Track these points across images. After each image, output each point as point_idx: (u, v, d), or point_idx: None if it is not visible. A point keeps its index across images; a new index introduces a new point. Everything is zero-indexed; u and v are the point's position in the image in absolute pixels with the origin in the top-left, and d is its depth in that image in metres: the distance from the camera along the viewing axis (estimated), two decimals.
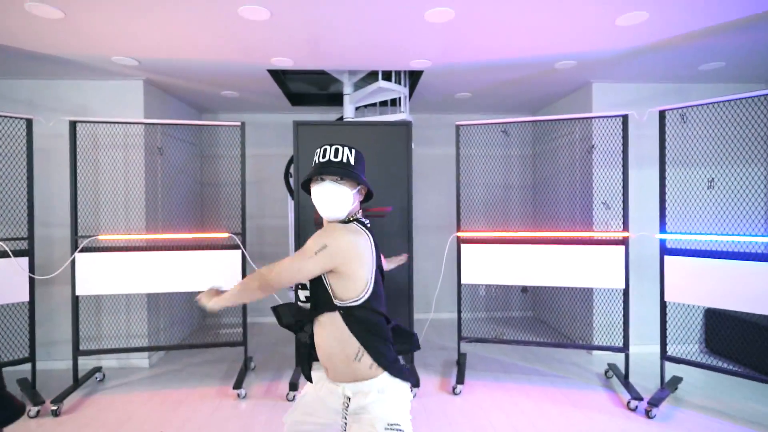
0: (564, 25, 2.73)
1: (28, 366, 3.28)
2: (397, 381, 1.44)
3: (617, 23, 2.70)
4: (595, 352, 3.96)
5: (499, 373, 3.56)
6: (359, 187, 1.52)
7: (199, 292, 2.30)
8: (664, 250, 2.97)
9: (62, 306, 3.67)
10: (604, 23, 2.70)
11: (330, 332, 1.43)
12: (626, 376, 3.18)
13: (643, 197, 3.81)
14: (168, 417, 2.86)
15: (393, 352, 1.47)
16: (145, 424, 2.77)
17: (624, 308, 3.19)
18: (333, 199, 1.45)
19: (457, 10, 2.51)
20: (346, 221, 1.50)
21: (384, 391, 1.41)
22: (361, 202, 1.57)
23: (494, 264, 3.37)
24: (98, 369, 3.51)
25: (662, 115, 3.00)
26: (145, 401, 3.11)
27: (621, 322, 3.24)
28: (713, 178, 3.56)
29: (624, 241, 3.12)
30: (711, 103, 2.85)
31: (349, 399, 1.43)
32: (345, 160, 1.48)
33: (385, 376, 1.43)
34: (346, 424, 1.44)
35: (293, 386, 3.15)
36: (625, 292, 3.16)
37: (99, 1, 2.37)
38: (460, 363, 3.54)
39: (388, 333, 1.48)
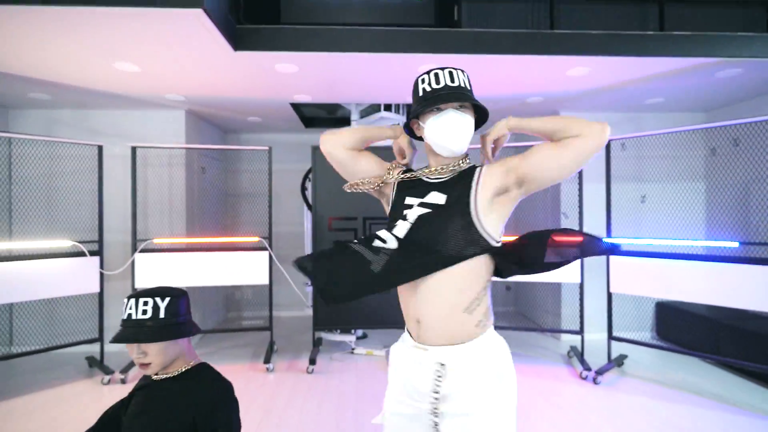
0: (527, 76, 3.49)
1: (96, 346, 3.97)
2: (499, 340, 1.20)
3: (568, 74, 3.46)
4: (563, 338, 4.69)
5: None
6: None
7: (230, 287, 2.92)
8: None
9: (122, 297, 4.38)
10: (558, 75, 3.47)
11: (458, 278, 1.13)
12: (582, 354, 3.92)
13: (599, 207, 4.52)
14: None
15: None
16: None
17: (580, 299, 3.93)
18: (463, 128, 1.20)
19: (441, 65, 3.26)
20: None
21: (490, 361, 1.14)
22: None
23: None
24: None
25: (607, 143, 3.76)
26: None
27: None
28: (645, 195, 4.31)
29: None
30: (643, 135, 3.61)
31: (443, 366, 1.12)
32: (462, 85, 1.21)
33: (490, 334, 1.18)
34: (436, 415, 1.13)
35: (312, 361, 3.89)
36: (581, 286, 3.91)
37: (168, 59, 3.12)
38: None
39: None
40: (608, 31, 3.09)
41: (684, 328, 4.27)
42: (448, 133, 1.18)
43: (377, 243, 1.15)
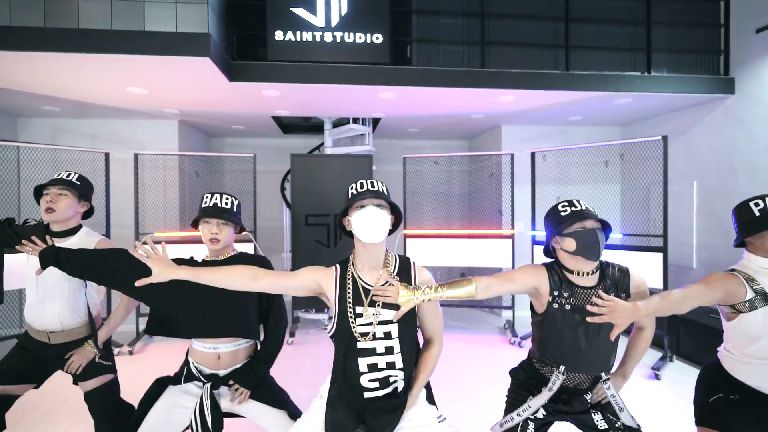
0: (467, 101, 4.33)
1: None
2: None
3: (499, 100, 4.31)
4: (503, 314, 5.62)
5: None
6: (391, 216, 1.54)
7: None
8: (533, 242, 4.64)
9: None
10: (491, 101, 4.32)
11: None
12: (513, 325, 4.84)
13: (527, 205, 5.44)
14: None
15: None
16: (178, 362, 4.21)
17: None
18: (381, 222, 1.47)
19: (397, 93, 4.06)
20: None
21: None
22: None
23: (432, 252, 4.93)
24: None
25: (532, 155, 4.65)
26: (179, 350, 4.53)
27: None
28: (560, 195, 5.22)
29: (511, 236, 4.76)
30: (560, 149, 4.51)
31: None
32: (380, 190, 1.53)
33: None
34: None
35: (292, 334, 4.65)
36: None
37: (173, 86, 3.78)
38: None
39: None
40: (526, 70, 3.95)
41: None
42: (368, 224, 1.45)
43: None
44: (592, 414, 1.58)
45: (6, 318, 4.62)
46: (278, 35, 3.69)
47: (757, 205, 1.59)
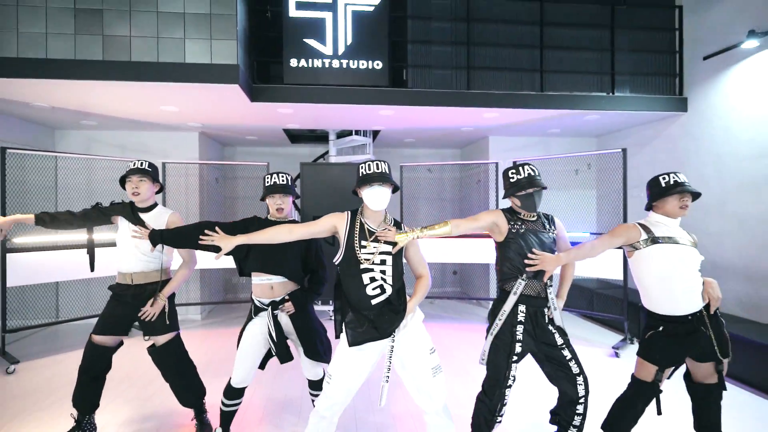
0: (456, 117, 4.94)
1: None
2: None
3: (484, 116, 4.93)
4: (489, 306, 6.20)
5: (427, 318, 5.75)
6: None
7: (229, 270, 4.21)
8: None
9: None
10: (477, 116, 4.93)
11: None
12: None
13: None
14: (217, 345, 4.86)
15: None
16: (202, 348, 4.78)
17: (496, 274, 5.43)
18: (384, 197, 2.05)
19: (394, 111, 4.67)
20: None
21: None
22: None
23: (425, 251, 5.52)
24: None
25: (515, 163, 5.25)
26: (202, 337, 5.11)
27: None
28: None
29: None
30: (537, 159, 5.12)
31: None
32: (384, 172, 2.08)
33: None
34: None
35: None
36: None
37: (201, 105, 4.37)
38: None
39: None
40: (507, 91, 4.57)
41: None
42: (375, 198, 2.07)
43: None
44: (554, 334, 2.17)
45: (44, 309, 5.18)
46: (293, 62, 4.29)
47: (664, 179, 2.21)
